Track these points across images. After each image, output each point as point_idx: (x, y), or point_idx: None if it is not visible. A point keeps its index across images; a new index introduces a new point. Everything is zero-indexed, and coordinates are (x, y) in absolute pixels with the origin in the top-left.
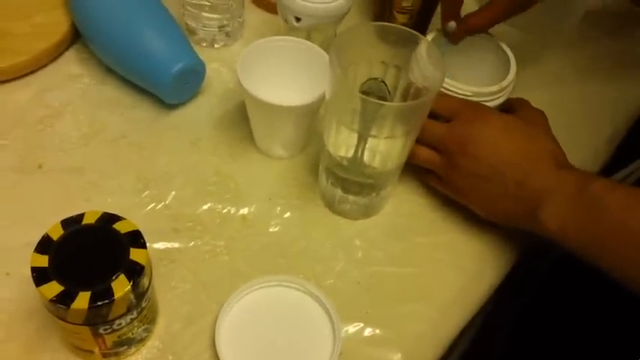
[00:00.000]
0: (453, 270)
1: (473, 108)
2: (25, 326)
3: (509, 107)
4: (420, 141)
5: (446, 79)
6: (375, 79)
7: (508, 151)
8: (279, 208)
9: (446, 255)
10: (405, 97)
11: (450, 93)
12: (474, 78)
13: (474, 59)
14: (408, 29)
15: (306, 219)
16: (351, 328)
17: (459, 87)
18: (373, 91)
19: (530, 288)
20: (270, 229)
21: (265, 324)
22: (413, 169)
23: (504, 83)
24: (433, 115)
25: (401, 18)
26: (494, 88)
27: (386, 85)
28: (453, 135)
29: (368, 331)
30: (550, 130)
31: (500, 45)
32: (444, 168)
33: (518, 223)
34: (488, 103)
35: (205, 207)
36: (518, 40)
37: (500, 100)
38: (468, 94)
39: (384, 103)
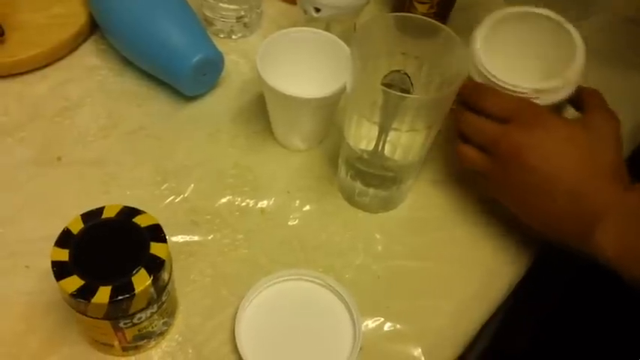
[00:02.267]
0: (474, 265)
1: (533, 111)
2: (45, 319)
3: (580, 102)
4: (470, 140)
5: (499, 76)
6: (398, 71)
7: (566, 163)
8: (298, 201)
9: (466, 249)
10: (426, 89)
11: (507, 89)
12: (534, 68)
13: (532, 45)
14: (428, 19)
15: (325, 212)
16: (371, 323)
17: (515, 85)
18: (396, 83)
19: (556, 287)
20: (289, 222)
21: (285, 318)
22: (434, 162)
23: (569, 75)
24: (486, 113)
25: (421, 8)
26: (557, 83)
27: (409, 77)
28: (508, 139)
29: (388, 326)
30: (619, 140)
31: (564, 26)
32: (495, 173)
33: (571, 243)
34: (552, 97)
35: (224, 200)
36: None
37: (566, 93)
38: (526, 91)
39: (406, 95)
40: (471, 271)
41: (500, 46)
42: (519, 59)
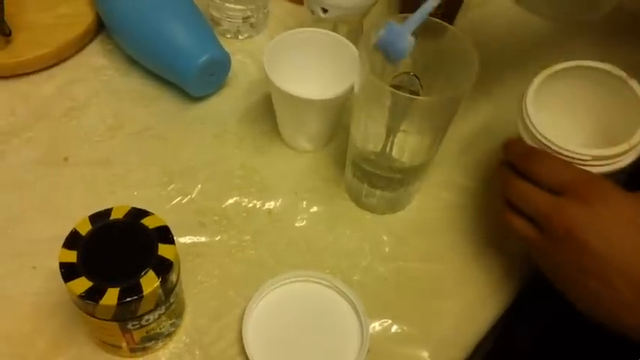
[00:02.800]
0: (481, 267)
1: (591, 183)
2: (52, 320)
3: None
4: (517, 207)
5: (555, 140)
6: (407, 72)
7: (629, 246)
8: (305, 203)
9: (474, 251)
10: (435, 91)
11: (563, 155)
12: (587, 128)
13: (587, 103)
14: (436, 20)
15: (332, 213)
16: (378, 325)
17: (572, 150)
18: (404, 84)
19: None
20: (297, 224)
21: (292, 319)
22: (442, 164)
23: (633, 141)
24: (537, 181)
25: None
26: (621, 149)
27: (418, 78)
28: (560, 214)
29: (395, 328)
30: None
31: (627, 82)
32: (545, 249)
33: (627, 333)
34: (614, 165)
35: (231, 201)
36: (543, 30)
37: (630, 159)
38: (587, 158)
39: (415, 97)
40: (478, 273)
41: (550, 103)
42: (570, 118)
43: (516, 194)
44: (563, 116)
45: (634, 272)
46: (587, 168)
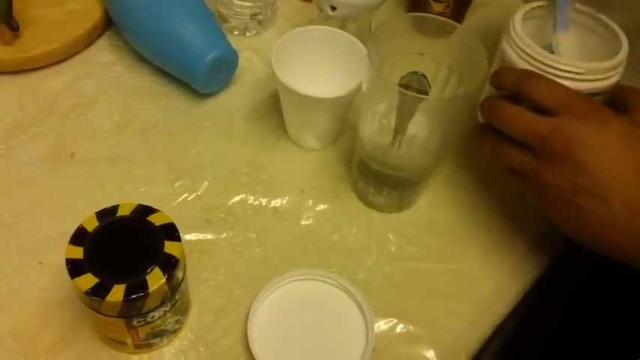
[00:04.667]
0: (488, 266)
1: (589, 103)
2: (58, 316)
3: (622, 101)
4: (509, 136)
5: (551, 56)
6: (416, 72)
7: (625, 166)
8: (311, 201)
9: (480, 251)
10: (444, 90)
11: (557, 73)
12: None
13: (572, 38)
14: (445, 19)
15: (338, 212)
16: (384, 324)
17: (567, 64)
18: (413, 84)
19: (568, 288)
20: (303, 222)
21: (297, 317)
22: (449, 163)
23: (620, 57)
24: (533, 104)
25: (437, 7)
26: (610, 63)
27: (426, 78)
28: (560, 132)
29: (401, 328)
30: None
31: (599, 17)
32: (539, 174)
33: (620, 256)
34: (602, 82)
35: (237, 198)
36: None
37: (615, 79)
38: (580, 71)
39: (423, 97)
40: (485, 272)
41: (532, 36)
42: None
43: (508, 119)
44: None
45: (629, 192)
46: (582, 84)
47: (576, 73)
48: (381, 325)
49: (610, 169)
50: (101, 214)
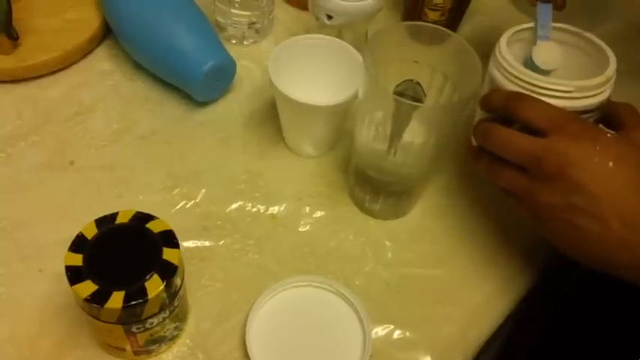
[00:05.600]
0: (484, 273)
1: (580, 122)
2: (57, 322)
3: (615, 118)
4: (502, 156)
5: (538, 77)
6: (411, 80)
7: (619, 183)
8: (308, 208)
9: (476, 257)
10: (439, 98)
11: (545, 93)
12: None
13: (560, 61)
14: (440, 27)
15: (335, 219)
16: (381, 330)
17: (555, 83)
18: (408, 92)
19: (563, 294)
20: (300, 229)
21: (295, 324)
22: (445, 170)
23: (608, 73)
24: (516, 125)
25: (432, 15)
26: (598, 80)
27: (421, 86)
28: (552, 152)
29: (397, 334)
30: None
31: (587, 36)
32: (534, 195)
33: (618, 273)
34: (592, 99)
35: (235, 205)
36: None
37: (604, 96)
38: (568, 89)
39: (418, 104)
40: (482, 278)
41: (519, 58)
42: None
43: (500, 142)
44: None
45: (624, 209)
46: (571, 102)
47: (565, 92)
48: (379, 331)
49: (604, 186)
50: (100, 222)
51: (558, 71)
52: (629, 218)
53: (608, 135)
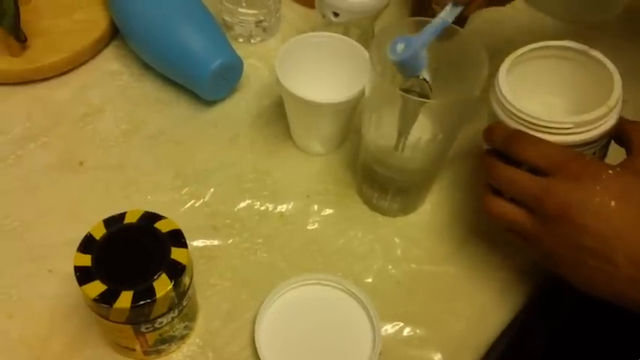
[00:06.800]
0: (494, 269)
1: (580, 161)
2: (67, 322)
3: (624, 137)
4: (504, 194)
5: (535, 114)
6: (417, 76)
7: (624, 221)
8: (317, 206)
9: (486, 254)
10: (446, 94)
11: (543, 130)
12: (566, 100)
13: (558, 80)
14: None
15: (344, 216)
16: (390, 328)
17: (553, 121)
18: (415, 88)
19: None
20: (309, 227)
21: (304, 322)
22: (453, 166)
23: (611, 103)
24: (524, 164)
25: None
26: (600, 112)
27: (428, 83)
28: (553, 195)
29: (407, 331)
30: None
31: (590, 54)
32: (537, 233)
33: (631, 307)
34: (597, 129)
35: (243, 204)
36: (555, 31)
37: (612, 122)
38: (568, 126)
39: (425, 100)
40: (491, 275)
41: (524, 85)
42: (540, 99)
43: (503, 180)
44: (532, 98)
45: (631, 247)
46: (571, 137)
47: (564, 128)
48: (388, 328)
49: (611, 226)
50: (109, 222)
51: (561, 89)
52: (635, 256)
53: (610, 172)
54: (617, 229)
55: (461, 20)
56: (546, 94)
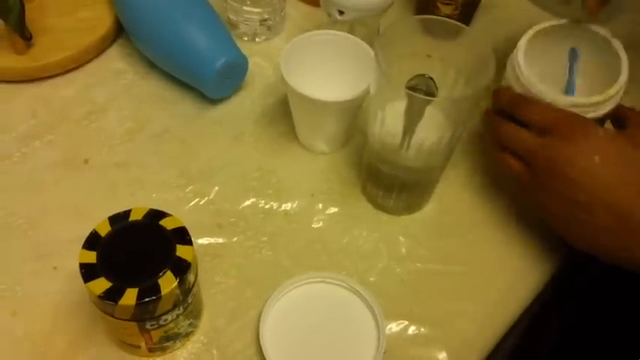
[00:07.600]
0: (499, 268)
1: (572, 122)
2: (72, 319)
3: (621, 119)
4: (505, 145)
5: (539, 87)
6: (423, 75)
7: (607, 177)
8: (321, 204)
9: (491, 253)
10: (451, 92)
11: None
12: (580, 77)
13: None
14: (453, 21)
15: (348, 215)
16: (395, 327)
17: (552, 97)
18: (420, 86)
19: (580, 289)
20: (313, 225)
21: (309, 320)
22: (458, 165)
23: (611, 91)
24: (525, 123)
25: (445, 9)
26: (598, 98)
27: (433, 81)
28: (546, 151)
29: (412, 330)
30: None
31: (609, 40)
32: (532, 184)
33: (610, 259)
34: (592, 112)
35: (248, 202)
36: None
37: (607, 109)
38: (565, 104)
39: (430, 98)
40: (497, 274)
41: (541, 57)
42: (558, 71)
43: (506, 135)
44: (554, 71)
45: (612, 200)
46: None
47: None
48: (393, 327)
49: (596, 181)
50: (114, 219)
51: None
52: (616, 209)
53: (603, 133)
54: (600, 182)
55: (467, 18)
56: (560, 68)
